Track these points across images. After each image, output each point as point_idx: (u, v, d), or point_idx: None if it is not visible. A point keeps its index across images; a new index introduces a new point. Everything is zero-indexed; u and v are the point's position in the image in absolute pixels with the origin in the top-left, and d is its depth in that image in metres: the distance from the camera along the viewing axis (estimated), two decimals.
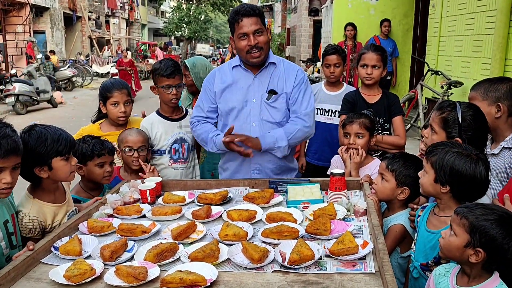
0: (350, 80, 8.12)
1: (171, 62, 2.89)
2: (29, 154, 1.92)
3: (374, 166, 2.60)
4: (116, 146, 2.69)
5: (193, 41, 44.80)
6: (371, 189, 2.25)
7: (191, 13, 40.06)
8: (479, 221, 1.49)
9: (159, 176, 2.68)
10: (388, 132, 3.00)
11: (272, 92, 2.60)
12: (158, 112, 2.96)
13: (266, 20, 2.58)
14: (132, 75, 15.03)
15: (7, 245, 1.82)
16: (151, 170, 2.68)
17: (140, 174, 2.67)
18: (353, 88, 3.68)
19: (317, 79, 10.47)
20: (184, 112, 3.02)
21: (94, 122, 3.05)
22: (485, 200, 1.94)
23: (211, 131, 2.65)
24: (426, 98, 7.12)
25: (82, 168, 2.44)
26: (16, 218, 1.94)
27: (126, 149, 2.65)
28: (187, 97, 3.44)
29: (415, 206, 2.15)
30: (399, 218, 2.16)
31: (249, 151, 2.47)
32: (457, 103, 2.10)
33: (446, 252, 1.59)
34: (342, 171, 2.25)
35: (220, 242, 1.78)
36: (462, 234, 1.52)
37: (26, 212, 1.99)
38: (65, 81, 16.95)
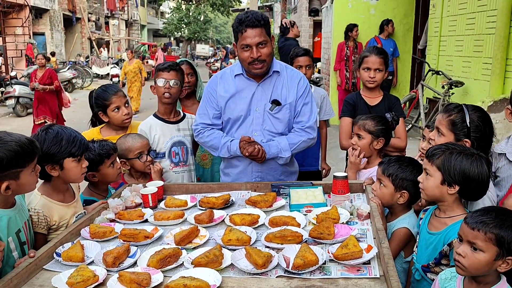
0: (354, 81, 8.11)
1: (173, 62, 2.96)
2: (43, 151, 1.97)
3: None
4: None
5: (193, 42, 44.80)
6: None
7: (190, 13, 40.06)
8: (503, 231, 1.45)
9: (162, 177, 2.68)
10: None
11: (275, 102, 2.58)
12: (155, 115, 2.96)
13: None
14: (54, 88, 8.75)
15: (20, 256, 1.83)
16: (155, 170, 2.68)
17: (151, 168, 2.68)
18: (321, 89, 3.67)
19: (317, 79, 10.45)
20: (182, 115, 3.02)
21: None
22: (486, 202, 1.95)
23: (223, 136, 2.64)
24: (427, 98, 7.11)
25: (95, 175, 2.43)
26: (28, 225, 1.94)
27: (140, 156, 2.63)
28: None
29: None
30: (403, 222, 2.15)
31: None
32: (463, 106, 2.10)
33: (474, 271, 1.51)
34: (345, 174, 2.24)
35: (223, 247, 1.77)
36: (490, 249, 1.46)
37: (32, 206, 2.02)
38: (65, 83, 16.92)
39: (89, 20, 26.33)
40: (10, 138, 1.71)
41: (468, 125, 2.04)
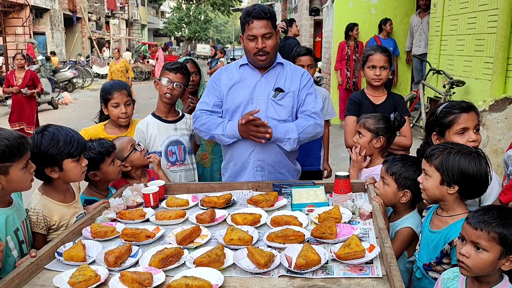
0: (355, 80, 8.10)
1: (182, 64, 2.96)
2: (41, 154, 1.96)
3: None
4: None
5: (193, 41, 44.79)
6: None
7: (191, 13, 40.10)
8: (506, 230, 1.45)
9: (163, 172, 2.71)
10: None
11: (278, 89, 2.61)
12: (153, 114, 2.98)
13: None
14: (40, 92, 8.64)
15: (19, 254, 1.83)
16: (157, 161, 2.70)
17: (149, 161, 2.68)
18: (323, 89, 3.71)
19: (318, 78, 10.44)
20: (180, 115, 3.02)
21: (96, 123, 3.04)
22: (491, 199, 1.94)
23: (220, 120, 2.63)
24: (428, 97, 7.10)
25: (96, 174, 2.43)
26: (26, 224, 1.94)
27: (136, 148, 2.63)
28: (177, 105, 3.41)
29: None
30: (407, 221, 2.15)
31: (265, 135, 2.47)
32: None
33: (479, 271, 1.50)
34: (347, 173, 2.24)
35: (225, 247, 1.77)
36: (494, 248, 1.46)
37: (32, 206, 2.02)
38: (65, 83, 16.92)
39: (89, 20, 26.34)
40: None
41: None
